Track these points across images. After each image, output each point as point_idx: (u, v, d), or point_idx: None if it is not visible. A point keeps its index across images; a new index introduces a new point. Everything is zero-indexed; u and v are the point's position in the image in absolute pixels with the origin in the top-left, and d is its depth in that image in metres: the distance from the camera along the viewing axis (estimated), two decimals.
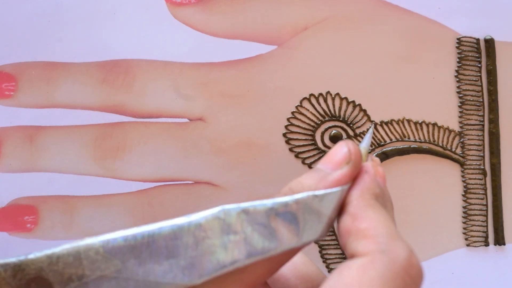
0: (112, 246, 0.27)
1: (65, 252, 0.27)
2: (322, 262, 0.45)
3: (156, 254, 0.28)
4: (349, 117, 0.45)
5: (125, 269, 0.27)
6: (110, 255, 0.27)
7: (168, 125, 0.45)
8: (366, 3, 0.45)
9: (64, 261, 0.27)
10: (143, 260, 0.27)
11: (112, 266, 0.27)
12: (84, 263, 0.27)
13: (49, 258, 0.27)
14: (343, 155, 0.32)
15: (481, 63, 0.46)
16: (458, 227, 0.46)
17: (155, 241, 0.28)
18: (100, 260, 0.27)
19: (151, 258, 0.28)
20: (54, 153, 0.45)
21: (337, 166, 0.31)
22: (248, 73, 0.45)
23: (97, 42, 0.44)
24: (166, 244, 0.28)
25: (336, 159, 0.32)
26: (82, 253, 0.27)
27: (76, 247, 0.27)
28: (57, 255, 0.27)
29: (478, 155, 0.46)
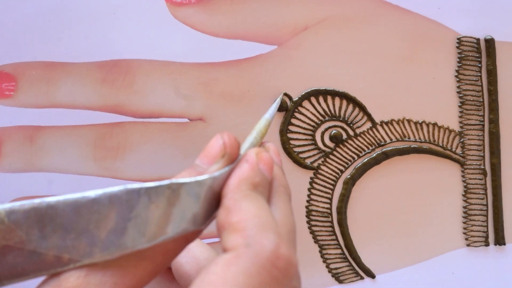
0: (16, 216, 0.27)
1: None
2: (322, 262, 0.45)
3: (60, 229, 0.27)
4: (349, 117, 0.45)
5: (29, 241, 0.27)
6: (15, 225, 0.27)
7: (168, 125, 0.45)
8: (366, 3, 0.45)
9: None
10: (47, 234, 0.27)
11: (16, 236, 0.27)
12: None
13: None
14: (218, 148, 0.31)
15: (481, 63, 0.46)
16: (458, 227, 0.46)
17: (59, 215, 0.27)
18: (4, 229, 0.27)
19: (54, 233, 0.27)
20: (54, 153, 0.45)
21: (212, 161, 0.31)
22: (248, 73, 0.45)
23: (97, 42, 0.44)
24: (69, 219, 0.27)
25: (211, 153, 0.31)
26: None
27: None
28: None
29: (478, 155, 0.46)
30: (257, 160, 0.31)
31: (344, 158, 0.45)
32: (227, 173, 0.31)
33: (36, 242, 0.27)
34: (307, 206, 0.45)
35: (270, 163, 0.32)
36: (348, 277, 0.46)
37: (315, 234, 0.45)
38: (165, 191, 0.28)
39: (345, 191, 0.45)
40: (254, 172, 0.31)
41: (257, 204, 0.29)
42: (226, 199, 0.30)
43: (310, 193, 0.45)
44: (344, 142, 0.45)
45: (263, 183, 0.31)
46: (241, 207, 0.29)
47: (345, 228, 0.45)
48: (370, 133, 0.45)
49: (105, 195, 0.28)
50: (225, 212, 0.29)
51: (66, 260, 0.27)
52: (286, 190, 0.33)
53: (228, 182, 0.30)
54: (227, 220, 0.29)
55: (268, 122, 0.36)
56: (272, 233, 0.28)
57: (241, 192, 0.30)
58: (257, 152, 0.32)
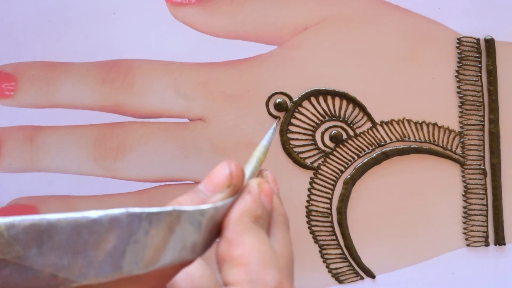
0: (15, 231, 0.27)
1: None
2: (322, 262, 0.45)
3: (58, 247, 0.27)
4: (349, 117, 0.45)
5: (26, 257, 0.27)
6: (13, 240, 0.27)
7: (168, 125, 0.45)
8: (366, 3, 0.45)
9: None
10: (44, 251, 0.27)
11: (14, 251, 0.27)
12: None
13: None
14: (224, 177, 0.31)
15: (481, 63, 0.46)
16: (458, 227, 0.46)
17: (58, 233, 0.27)
18: (3, 243, 0.27)
19: (52, 251, 0.27)
20: (54, 153, 0.45)
21: (217, 190, 0.30)
22: (248, 73, 0.45)
23: (97, 42, 0.44)
24: (67, 239, 0.27)
25: (216, 181, 0.31)
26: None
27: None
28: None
29: (478, 155, 0.46)
30: (259, 192, 0.31)
31: (344, 158, 0.45)
32: (230, 204, 0.30)
33: (33, 259, 0.27)
34: (307, 206, 0.45)
35: (271, 194, 0.32)
36: (348, 277, 0.46)
37: (315, 234, 0.45)
38: (166, 217, 0.28)
39: (345, 191, 0.45)
40: (256, 205, 0.31)
41: (259, 238, 0.29)
42: (228, 231, 0.29)
43: (310, 193, 0.45)
44: (344, 142, 0.45)
45: (264, 215, 0.31)
46: (244, 241, 0.29)
47: (345, 228, 0.45)
48: (370, 133, 0.45)
49: (106, 217, 0.27)
50: (226, 244, 0.29)
51: (61, 280, 0.27)
52: (284, 220, 0.33)
53: (230, 213, 0.30)
54: (228, 253, 0.29)
55: (266, 149, 0.36)
56: (274, 269, 0.28)
57: (243, 224, 0.29)
58: (259, 184, 0.32)
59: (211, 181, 0.31)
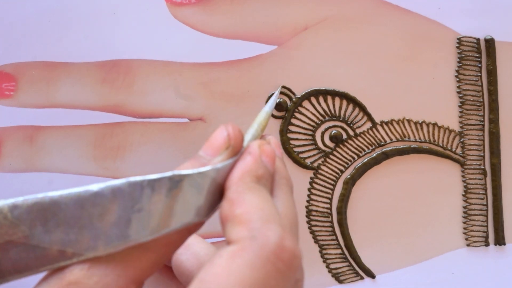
0: (19, 212, 0.27)
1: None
2: (322, 262, 0.45)
3: (63, 223, 0.27)
4: (349, 117, 0.45)
5: (32, 236, 0.27)
6: (18, 221, 0.27)
7: (168, 125, 0.45)
8: (366, 3, 0.45)
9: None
10: (50, 228, 0.27)
11: (19, 231, 0.27)
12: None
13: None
14: (222, 140, 0.31)
15: (481, 63, 0.46)
16: (458, 227, 0.46)
17: (62, 210, 0.27)
18: (8, 225, 0.27)
19: (57, 227, 0.27)
20: (54, 153, 0.45)
21: (216, 152, 0.31)
22: (248, 73, 0.45)
23: (97, 42, 0.44)
24: (72, 214, 0.27)
25: (215, 144, 0.31)
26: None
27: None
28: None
29: (478, 155, 0.46)
30: (260, 153, 0.31)
31: (344, 158, 0.45)
32: (230, 165, 0.30)
33: (39, 237, 0.27)
34: (307, 206, 0.45)
35: (273, 155, 0.32)
36: (348, 277, 0.46)
37: (315, 234, 0.45)
38: (167, 182, 0.28)
39: (345, 191, 0.45)
40: (257, 165, 0.31)
41: (261, 196, 0.29)
42: (230, 191, 0.30)
43: (310, 193, 0.45)
44: (344, 142, 0.45)
45: (266, 175, 0.31)
46: (245, 199, 0.29)
47: (345, 228, 0.45)
48: (370, 133, 0.45)
49: (108, 188, 0.28)
50: (228, 204, 0.29)
51: (70, 254, 0.27)
52: (288, 182, 0.33)
53: (231, 174, 0.30)
54: (230, 212, 0.29)
55: (268, 115, 0.36)
56: (276, 225, 0.28)
57: (245, 184, 0.30)
58: (260, 145, 0.32)
59: (210, 145, 0.31)
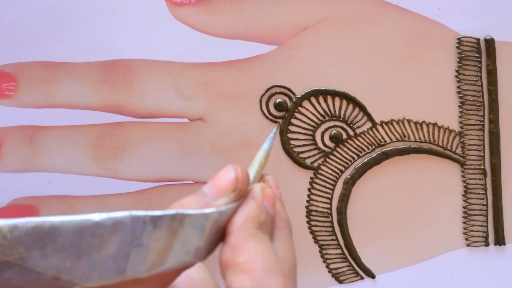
0: (19, 233, 0.27)
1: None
2: (322, 262, 0.45)
3: (61, 250, 0.27)
4: (349, 117, 0.45)
5: (28, 259, 0.27)
6: (16, 242, 0.27)
7: (168, 125, 0.45)
8: (366, 3, 0.45)
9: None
10: (47, 253, 0.27)
11: (16, 253, 0.27)
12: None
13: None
14: (230, 182, 0.30)
15: (481, 63, 0.46)
16: (458, 227, 0.46)
17: (61, 236, 0.27)
18: (6, 245, 0.27)
19: (55, 253, 0.27)
20: (54, 153, 0.45)
21: (221, 193, 0.30)
22: (248, 73, 0.45)
23: (97, 42, 0.44)
24: (70, 241, 0.27)
25: (222, 185, 0.30)
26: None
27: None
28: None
29: (478, 155, 0.46)
30: (263, 197, 0.31)
31: (344, 158, 0.45)
32: (234, 209, 0.30)
33: (36, 261, 0.27)
34: (307, 206, 0.45)
35: (274, 199, 0.32)
36: (348, 277, 0.46)
37: (315, 234, 0.45)
38: (170, 221, 0.28)
39: (345, 191, 0.45)
40: (260, 210, 0.30)
41: (264, 244, 0.29)
42: (232, 236, 0.29)
43: (310, 193, 0.45)
44: (344, 142, 0.45)
45: (267, 220, 0.31)
46: (248, 247, 0.29)
47: (345, 228, 0.45)
48: (370, 133, 0.45)
49: (109, 220, 0.27)
50: (231, 250, 0.29)
51: (64, 282, 0.27)
52: (287, 224, 0.33)
53: (234, 219, 0.30)
54: (233, 258, 0.29)
55: (268, 153, 0.36)
56: (279, 276, 0.28)
57: (248, 230, 0.29)
58: (262, 189, 0.31)
59: (216, 185, 0.31)
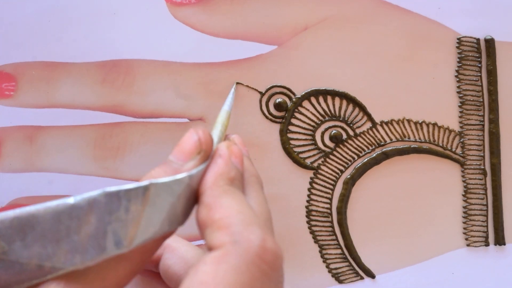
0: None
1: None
2: (322, 262, 0.45)
3: (41, 237, 0.27)
4: (349, 117, 0.45)
5: (11, 251, 0.27)
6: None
7: (168, 125, 0.45)
8: (366, 3, 0.45)
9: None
10: (28, 243, 0.27)
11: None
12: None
13: None
14: (193, 145, 0.31)
15: (481, 63, 0.46)
16: (458, 227, 0.46)
17: (39, 223, 0.27)
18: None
19: (35, 241, 0.27)
20: (54, 153, 0.45)
21: (188, 157, 0.31)
22: (248, 73, 0.45)
23: (97, 42, 0.44)
24: (49, 227, 0.27)
25: (186, 149, 0.31)
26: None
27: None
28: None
29: (478, 155, 0.46)
30: (229, 154, 0.31)
31: (344, 158, 0.45)
32: (203, 170, 0.30)
33: (18, 252, 0.27)
34: (307, 206, 0.45)
35: (241, 155, 0.32)
36: (348, 277, 0.46)
37: (315, 234, 0.45)
38: (144, 192, 0.28)
39: (345, 191, 0.45)
40: (228, 167, 0.31)
41: (237, 199, 0.29)
42: (205, 196, 0.30)
43: (310, 193, 0.45)
44: (344, 142, 0.45)
45: (237, 176, 0.31)
46: (222, 203, 0.29)
47: (345, 228, 0.45)
48: (370, 133, 0.45)
49: (84, 200, 0.27)
50: (206, 209, 0.29)
51: (48, 269, 0.27)
52: (257, 180, 0.33)
53: (205, 178, 0.30)
54: (209, 217, 0.29)
55: (229, 114, 0.37)
56: (257, 227, 0.28)
57: (220, 188, 0.30)
58: (228, 146, 0.32)
59: (181, 150, 0.31)
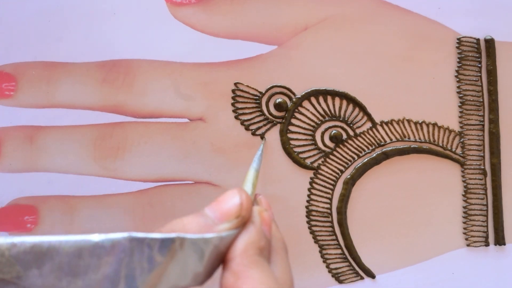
0: (17, 251, 0.27)
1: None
2: (322, 262, 0.45)
3: (58, 269, 0.27)
4: (349, 117, 0.45)
5: (25, 277, 0.27)
6: (14, 260, 0.27)
7: (168, 125, 0.45)
8: (366, 3, 0.45)
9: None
10: (44, 272, 0.27)
11: (14, 271, 0.27)
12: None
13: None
14: (234, 207, 0.30)
15: (481, 63, 0.46)
16: (458, 227, 0.46)
17: (59, 255, 0.27)
18: (4, 263, 0.27)
19: (52, 272, 0.27)
20: (54, 153, 0.45)
21: (225, 218, 0.30)
22: (248, 73, 0.45)
23: (97, 42, 0.44)
24: (68, 261, 0.27)
25: (226, 209, 0.30)
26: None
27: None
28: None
29: (478, 155, 0.46)
30: (261, 221, 0.31)
31: (344, 158, 0.45)
32: (235, 235, 0.30)
33: (32, 279, 0.27)
34: (307, 206, 0.45)
35: (270, 223, 0.32)
36: (348, 277, 0.46)
37: (315, 234, 0.45)
38: (169, 244, 0.28)
39: (345, 191, 0.45)
40: (259, 236, 0.30)
41: (265, 272, 0.29)
42: (234, 263, 0.29)
43: (310, 193, 0.45)
44: (344, 142, 0.45)
45: (266, 245, 0.31)
46: (250, 275, 0.29)
47: (345, 228, 0.45)
48: (370, 133, 0.45)
49: (108, 241, 0.27)
50: (234, 277, 0.29)
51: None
52: (283, 246, 0.33)
53: (236, 245, 0.30)
54: (236, 286, 0.29)
55: (258, 173, 0.36)
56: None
57: (249, 257, 0.29)
58: (259, 212, 0.32)
59: (220, 208, 0.31)
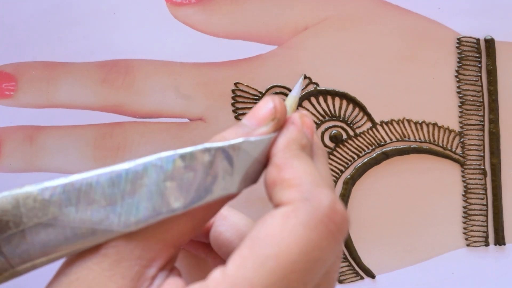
0: (50, 194, 0.27)
1: (4, 200, 0.27)
2: None
3: (94, 202, 0.27)
4: (349, 117, 0.45)
5: (62, 216, 0.27)
6: (48, 203, 0.27)
7: (168, 125, 0.45)
8: (366, 3, 0.45)
9: (2, 209, 0.27)
10: (81, 208, 0.27)
11: (49, 213, 0.27)
12: (22, 211, 0.27)
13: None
14: (269, 111, 0.31)
15: (481, 63, 0.46)
16: (458, 227, 0.46)
17: (93, 189, 0.28)
18: (37, 207, 0.27)
19: (88, 206, 0.27)
20: (54, 153, 0.45)
21: (261, 123, 0.31)
22: (248, 73, 0.45)
23: (97, 42, 0.44)
24: (103, 192, 0.28)
25: (261, 115, 0.31)
26: (20, 200, 0.27)
27: (15, 195, 0.27)
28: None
29: (478, 155, 0.46)
30: (302, 123, 0.32)
31: (344, 158, 0.45)
32: (273, 138, 0.31)
33: (70, 217, 0.27)
34: None
35: (312, 127, 0.33)
36: (348, 277, 0.46)
37: None
38: (198, 155, 0.29)
39: (345, 191, 0.45)
40: (301, 134, 0.31)
41: (309, 163, 0.30)
42: (276, 157, 0.30)
43: None
44: (344, 142, 0.45)
45: (308, 145, 0.32)
46: (293, 165, 0.29)
47: None
48: (370, 133, 0.45)
49: (139, 165, 0.28)
50: (276, 169, 0.29)
51: (101, 232, 0.27)
52: (324, 153, 0.33)
53: (277, 142, 0.31)
54: (279, 176, 0.29)
55: (296, 99, 0.37)
56: (328, 189, 0.29)
57: (291, 151, 0.30)
58: (300, 116, 0.32)
59: (255, 115, 0.31)
